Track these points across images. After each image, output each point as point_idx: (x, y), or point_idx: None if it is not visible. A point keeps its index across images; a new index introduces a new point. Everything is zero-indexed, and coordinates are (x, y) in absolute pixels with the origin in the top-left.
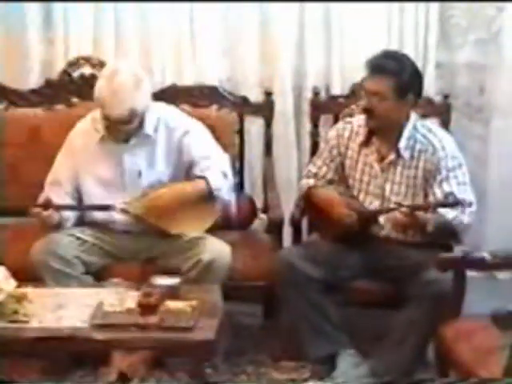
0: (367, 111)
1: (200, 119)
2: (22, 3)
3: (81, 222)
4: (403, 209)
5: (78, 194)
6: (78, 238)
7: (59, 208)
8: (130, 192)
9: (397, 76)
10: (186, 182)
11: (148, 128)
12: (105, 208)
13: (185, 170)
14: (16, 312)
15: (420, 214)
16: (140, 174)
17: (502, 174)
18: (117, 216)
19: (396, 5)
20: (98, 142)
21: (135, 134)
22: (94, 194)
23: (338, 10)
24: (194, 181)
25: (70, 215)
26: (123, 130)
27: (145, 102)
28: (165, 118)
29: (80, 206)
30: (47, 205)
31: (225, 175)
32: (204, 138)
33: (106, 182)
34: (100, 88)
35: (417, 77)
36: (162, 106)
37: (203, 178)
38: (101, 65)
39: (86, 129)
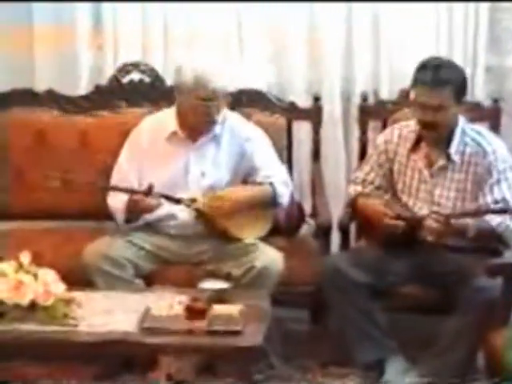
0: (429, 125)
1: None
2: (73, 9)
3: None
4: (435, 216)
5: None
6: (130, 242)
7: (155, 195)
8: (191, 191)
9: (454, 84)
10: (255, 186)
11: (217, 128)
12: (178, 201)
13: (242, 176)
14: (65, 315)
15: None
16: (203, 174)
17: None
18: (178, 212)
19: (445, 8)
20: (166, 140)
21: (206, 132)
22: (157, 190)
23: (386, 14)
24: (263, 186)
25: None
26: (213, 112)
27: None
28: (230, 122)
29: (156, 194)
30: (149, 191)
31: (286, 184)
32: (266, 146)
33: (170, 180)
34: (192, 68)
35: (465, 77)
36: (228, 111)
37: (270, 184)
38: (149, 71)
39: (152, 127)
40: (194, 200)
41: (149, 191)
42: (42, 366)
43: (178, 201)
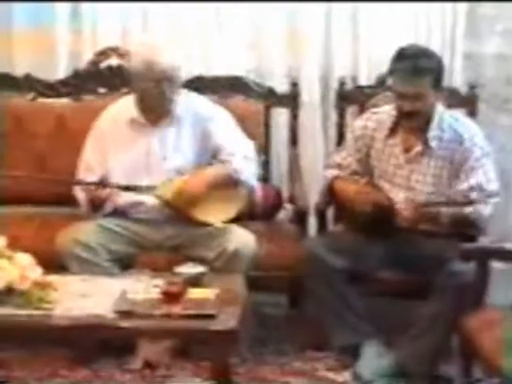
0: (407, 114)
1: (226, 109)
2: None
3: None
4: (407, 203)
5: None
6: (103, 227)
7: (105, 186)
8: (154, 176)
9: (432, 72)
10: (209, 167)
11: (178, 110)
12: (133, 189)
13: (209, 157)
14: (41, 300)
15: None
16: (165, 157)
17: None
18: (144, 198)
19: None
20: (128, 125)
21: (165, 115)
22: (120, 177)
23: (365, 1)
24: (218, 165)
25: (109, 203)
26: (168, 93)
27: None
28: (193, 105)
29: (111, 184)
30: (102, 183)
31: (248, 159)
32: (228, 125)
33: (133, 164)
34: (141, 52)
35: (442, 65)
36: (190, 94)
37: (226, 162)
38: (128, 55)
39: (113, 115)
40: (153, 188)
41: (102, 183)
42: (18, 350)
43: (134, 189)
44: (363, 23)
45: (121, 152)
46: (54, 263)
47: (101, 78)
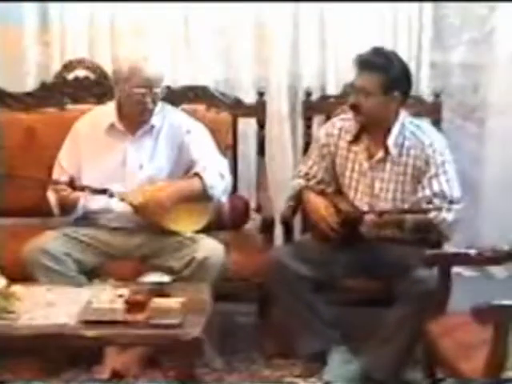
0: (354, 107)
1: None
2: (20, 8)
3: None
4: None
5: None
6: (70, 237)
7: (77, 188)
8: (128, 183)
9: (384, 72)
10: (183, 179)
11: (155, 121)
12: (103, 192)
13: (184, 169)
14: (5, 310)
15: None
16: (141, 166)
17: (496, 171)
18: (114, 205)
19: (389, 5)
20: (106, 131)
21: (143, 124)
22: (93, 181)
23: (331, 11)
24: (191, 178)
25: (80, 206)
26: (147, 101)
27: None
28: (169, 116)
29: (81, 188)
30: (71, 183)
31: (221, 176)
32: (204, 139)
33: (107, 171)
34: (126, 57)
35: (404, 75)
36: (166, 105)
37: (200, 177)
38: (94, 67)
39: (92, 120)
40: (123, 193)
41: (70, 183)
42: None
43: (106, 191)
44: (330, 33)
45: (96, 158)
46: (22, 273)
47: (68, 89)
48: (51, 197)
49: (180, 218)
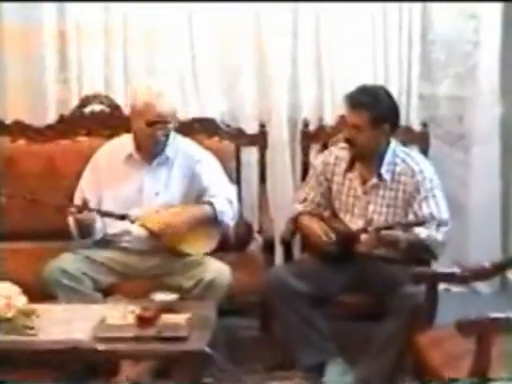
0: (348, 141)
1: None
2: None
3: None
4: (366, 231)
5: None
6: (88, 258)
7: (90, 210)
8: (145, 210)
9: (371, 109)
10: (196, 205)
11: (169, 151)
12: (122, 217)
13: (195, 196)
14: (26, 326)
15: (391, 233)
16: (157, 193)
17: (481, 193)
18: (132, 229)
19: (381, 42)
20: (124, 161)
21: (157, 154)
22: (112, 208)
23: (328, 48)
24: (203, 205)
25: (98, 229)
26: (159, 135)
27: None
28: (183, 146)
29: (101, 212)
30: (84, 206)
31: (230, 202)
32: (214, 168)
33: (125, 199)
34: (142, 94)
35: (391, 108)
36: (178, 136)
37: (210, 203)
38: (108, 101)
39: (111, 151)
40: (136, 219)
41: (84, 207)
42: (5, 374)
43: (124, 217)
44: (327, 69)
45: (115, 186)
46: (41, 292)
47: (84, 122)
48: (71, 222)
49: (192, 242)
